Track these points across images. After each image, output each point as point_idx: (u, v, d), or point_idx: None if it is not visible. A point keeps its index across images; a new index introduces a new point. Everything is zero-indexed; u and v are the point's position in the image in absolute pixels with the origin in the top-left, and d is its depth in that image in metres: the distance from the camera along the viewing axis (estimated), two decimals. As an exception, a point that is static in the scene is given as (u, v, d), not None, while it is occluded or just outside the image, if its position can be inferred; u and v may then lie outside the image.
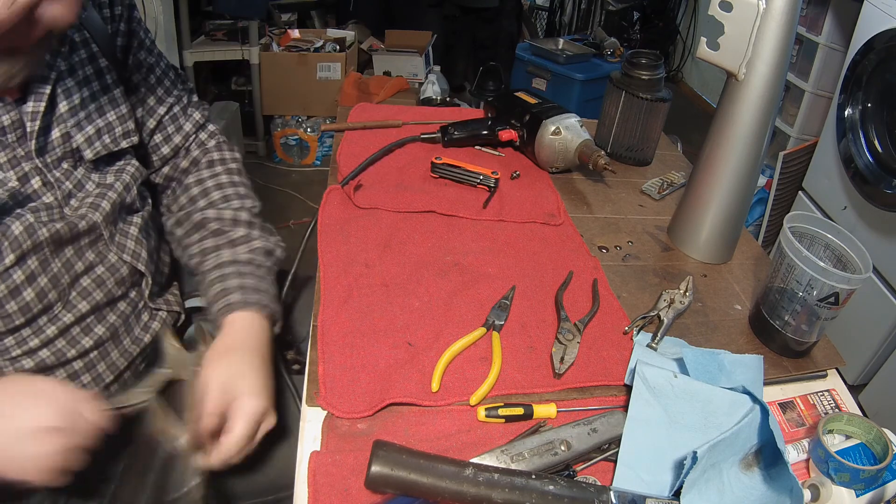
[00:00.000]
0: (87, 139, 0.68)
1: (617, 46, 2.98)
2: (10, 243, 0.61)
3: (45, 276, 0.65)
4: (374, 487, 0.50)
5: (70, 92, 0.66)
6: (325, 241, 0.84)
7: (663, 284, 0.86)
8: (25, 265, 0.63)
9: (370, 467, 0.49)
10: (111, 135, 0.71)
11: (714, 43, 0.80)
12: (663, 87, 1.10)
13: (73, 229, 0.66)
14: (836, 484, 0.59)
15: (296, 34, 2.82)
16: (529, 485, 0.51)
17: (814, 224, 0.76)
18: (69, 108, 0.66)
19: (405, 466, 0.50)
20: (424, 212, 0.93)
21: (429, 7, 2.97)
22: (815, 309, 0.70)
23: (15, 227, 0.61)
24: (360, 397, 0.63)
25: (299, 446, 0.60)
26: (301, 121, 2.82)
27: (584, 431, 0.61)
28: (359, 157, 1.03)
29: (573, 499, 0.51)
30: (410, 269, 0.81)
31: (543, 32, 3.99)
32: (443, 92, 2.67)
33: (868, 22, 1.70)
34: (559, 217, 0.96)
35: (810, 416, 0.70)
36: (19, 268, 0.62)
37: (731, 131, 0.83)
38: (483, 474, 0.51)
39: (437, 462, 0.51)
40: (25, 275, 0.63)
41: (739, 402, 0.62)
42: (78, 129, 0.67)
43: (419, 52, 2.78)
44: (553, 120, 1.03)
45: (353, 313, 0.73)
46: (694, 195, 0.91)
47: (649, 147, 1.16)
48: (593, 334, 0.75)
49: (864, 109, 1.74)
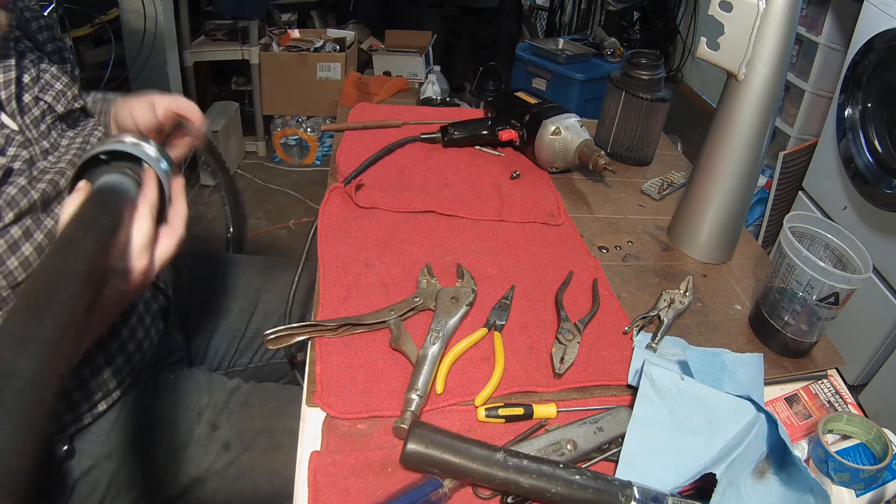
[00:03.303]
0: (54, 97, 0.74)
1: (617, 46, 2.98)
2: (7, 203, 0.62)
3: (41, 233, 0.66)
4: (409, 464, 0.54)
5: (27, 68, 0.72)
6: (325, 241, 0.84)
7: (663, 284, 0.86)
8: (21, 223, 0.64)
9: (406, 444, 0.53)
10: (66, 97, 0.77)
11: (714, 43, 0.80)
12: (663, 87, 1.10)
13: (56, 187, 0.68)
14: (836, 484, 0.59)
15: (296, 34, 2.82)
16: (556, 473, 0.53)
17: (814, 224, 0.76)
18: (31, 80, 0.72)
19: (439, 446, 0.53)
20: (424, 212, 0.93)
21: (429, 7, 2.97)
22: (815, 309, 0.70)
23: (10, 189, 0.63)
24: (358, 398, 0.63)
25: (299, 446, 0.60)
26: (301, 121, 2.82)
27: (590, 430, 0.61)
28: (359, 157, 1.03)
29: (597, 490, 0.52)
30: (410, 269, 0.81)
31: (543, 32, 3.99)
32: (443, 92, 2.68)
33: (868, 22, 1.70)
34: (559, 217, 0.96)
35: (815, 407, 0.70)
36: (16, 225, 0.64)
37: (731, 131, 0.83)
38: (513, 459, 0.53)
39: (470, 444, 0.54)
40: (22, 230, 0.64)
41: (744, 409, 0.62)
42: (43, 92, 0.73)
43: (419, 52, 2.78)
44: (553, 120, 1.03)
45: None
46: (694, 195, 0.91)
47: (649, 147, 1.16)
48: (593, 334, 0.75)
49: (864, 109, 1.74)
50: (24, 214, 0.64)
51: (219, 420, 0.82)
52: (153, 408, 0.80)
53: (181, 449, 0.79)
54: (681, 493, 0.57)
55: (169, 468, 0.78)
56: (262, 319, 1.03)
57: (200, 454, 0.80)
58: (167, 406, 0.81)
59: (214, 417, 0.82)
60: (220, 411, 0.83)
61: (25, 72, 0.71)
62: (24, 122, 0.69)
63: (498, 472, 0.52)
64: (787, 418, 0.69)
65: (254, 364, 1.03)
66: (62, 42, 0.83)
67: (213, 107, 2.65)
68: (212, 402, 0.83)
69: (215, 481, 0.80)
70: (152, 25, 2.21)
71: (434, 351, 0.66)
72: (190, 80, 2.56)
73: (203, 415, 0.82)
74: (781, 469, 0.60)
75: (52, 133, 0.73)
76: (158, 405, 0.81)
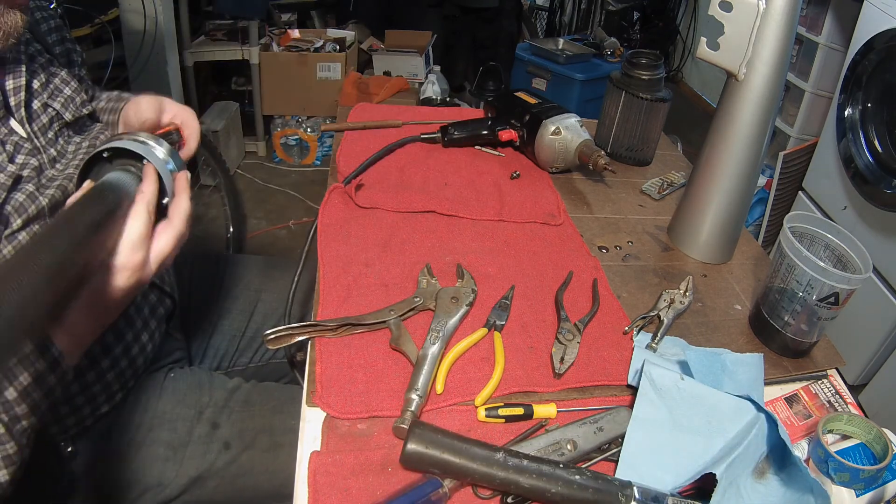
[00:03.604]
0: (63, 104, 0.74)
1: (617, 46, 2.98)
2: (15, 210, 0.63)
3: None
4: (409, 464, 0.54)
5: (36, 72, 0.71)
6: (325, 241, 0.84)
7: (663, 284, 0.86)
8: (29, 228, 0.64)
9: (406, 444, 0.53)
10: (74, 104, 0.77)
11: (714, 43, 0.80)
12: (663, 87, 1.10)
13: (65, 192, 0.68)
14: (836, 484, 0.59)
15: (296, 34, 2.82)
16: (556, 473, 0.53)
17: (814, 224, 0.76)
18: (40, 85, 0.72)
19: (439, 446, 0.53)
20: (424, 212, 0.93)
21: (429, 7, 2.97)
22: (815, 309, 0.70)
23: (19, 195, 0.63)
24: (358, 398, 0.63)
25: (299, 446, 0.60)
26: (301, 121, 2.82)
27: (590, 430, 0.61)
28: (359, 157, 1.03)
29: (597, 490, 0.52)
30: (410, 269, 0.81)
31: (543, 32, 3.99)
32: (443, 92, 2.68)
33: (868, 22, 1.70)
34: (559, 217, 0.96)
35: (815, 407, 0.70)
36: (24, 231, 0.64)
37: (731, 131, 0.83)
38: (513, 459, 0.53)
39: (470, 444, 0.54)
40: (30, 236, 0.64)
41: (744, 409, 0.62)
42: (52, 99, 0.73)
43: (419, 52, 2.77)
44: (553, 120, 1.03)
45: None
46: (694, 195, 0.91)
47: (649, 147, 1.16)
48: (593, 334, 0.75)
49: (864, 109, 1.74)
50: (32, 220, 0.64)
51: (219, 419, 0.82)
52: (153, 407, 0.80)
53: (182, 448, 0.79)
54: (681, 493, 0.57)
55: (170, 467, 0.78)
56: (262, 319, 1.03)
57: (201, 453, 0.80)
58: (167, 405, 0.81)
59: (215, 416, 0.82)
60: (220, 410, 0.83)
61: (35, 77, 0.71)
62: (32, 129, 0.69)
63: (498, 472, 0.52)
64: (787, 418, 0.69)
65: (254, 364, 1.03)
66: (71, 44, 0.83)
67: (213, 107, 2.65)
68: (212, 400, 0.83)
69: (216, 480, 0.80)
70: (152, 25, 2.21)
71: (434, 351, 0.66)
72: (190, 80, 2.56)
73: (204, 414, 0.82)
74: (781, 469, 0.60)
75: (60, 140, 0.73)
76: (159, 404, 0.81)
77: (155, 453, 0.78)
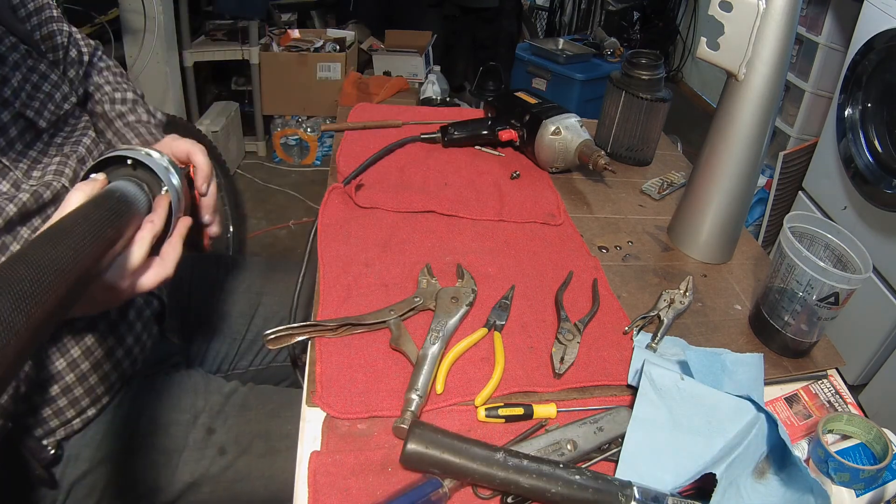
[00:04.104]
0: (38, 110, 0.70)
1: (617, 46, 2.98)
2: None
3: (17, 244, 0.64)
4: (409, 464, 0.54)
5: (7, 78, 0.67)
6: (325, 241, 0.84)
7: (663, 284, 0.86)
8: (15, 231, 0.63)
9: (406, 444, 0.53)
10: (53, 102, 0.73)
11: (714, 43, 0.80)
12: (663, 87, 1.10)
13: (39, 199, 0.66)
14: (836, 484, 0.59)
15: (296, 34, 2.82)
16: (556, 473, 0.53)
17: (814, 224, 0.76)
18: (12, 92, 0.68)
19: (439, 446, 0.53)
20: (424, 212, 0.93)
21: (429, 7, 2.97)
22: (815, 309, 0.70)
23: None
24: (358, 398, 0.63)
25: (299, 446, 0.60)
26: (301, 121, 2.82)
27: (590, 430, 0.61)
28: (359, 158, 1.03)
29: (597, 490, 0.52)
30: (410, 269, 0.81)
31: (543, 32, 3.99)
32: (443, 92, 2.68)
33: (868, 22, 1.70)
34: (559, 217, 0.96)
35: (815, 407, 0.70)
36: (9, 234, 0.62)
37: (731, 131, 0.83)
38: (513, 459, 0.53)
39: (470, 444, 0.54)
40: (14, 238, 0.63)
41: (744, 409, 0.62)
42: (26, 106, 0.69)
43: (419, 52, 2.78)
44: (553, 120, 1.03)
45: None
46: (694, 195, 0.91)
47: (649, 147, 1.16)
48: (593, 334, 0.75)
49: (864, 109, 1.74)
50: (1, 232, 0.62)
51: (215, 424, 0.81)
52: (148, 412, 0.79)
53: (177, 453, 0.78)
54: (681, 493, 0.57)
55: (164, 472, 0.77)
56: (263, 322, 1.02)
57: (196, 458, 0.79)
58: (162, 410, 0.80)
59: (210, 421, 0.81)
60: (216, 415, 0.82)
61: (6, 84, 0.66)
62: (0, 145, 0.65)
63: (498, 472, 0.52)
64: (787, 418, 0.69)
65: (254, 367, 1.03)
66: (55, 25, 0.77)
67: (213, 107, 2.65)
68: (208, 405, 0.82)
69: (211, 486, 0.79)
70: (152, 25, 2.21)
71: (434, 351, 0.66)
72: (190, 80, 2.56)
73: (199, 419, 0.81)
74: (781, 469, 0.60)
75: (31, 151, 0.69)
76: (154, 409, 0.80)
77: (149, 459, 0.77)
